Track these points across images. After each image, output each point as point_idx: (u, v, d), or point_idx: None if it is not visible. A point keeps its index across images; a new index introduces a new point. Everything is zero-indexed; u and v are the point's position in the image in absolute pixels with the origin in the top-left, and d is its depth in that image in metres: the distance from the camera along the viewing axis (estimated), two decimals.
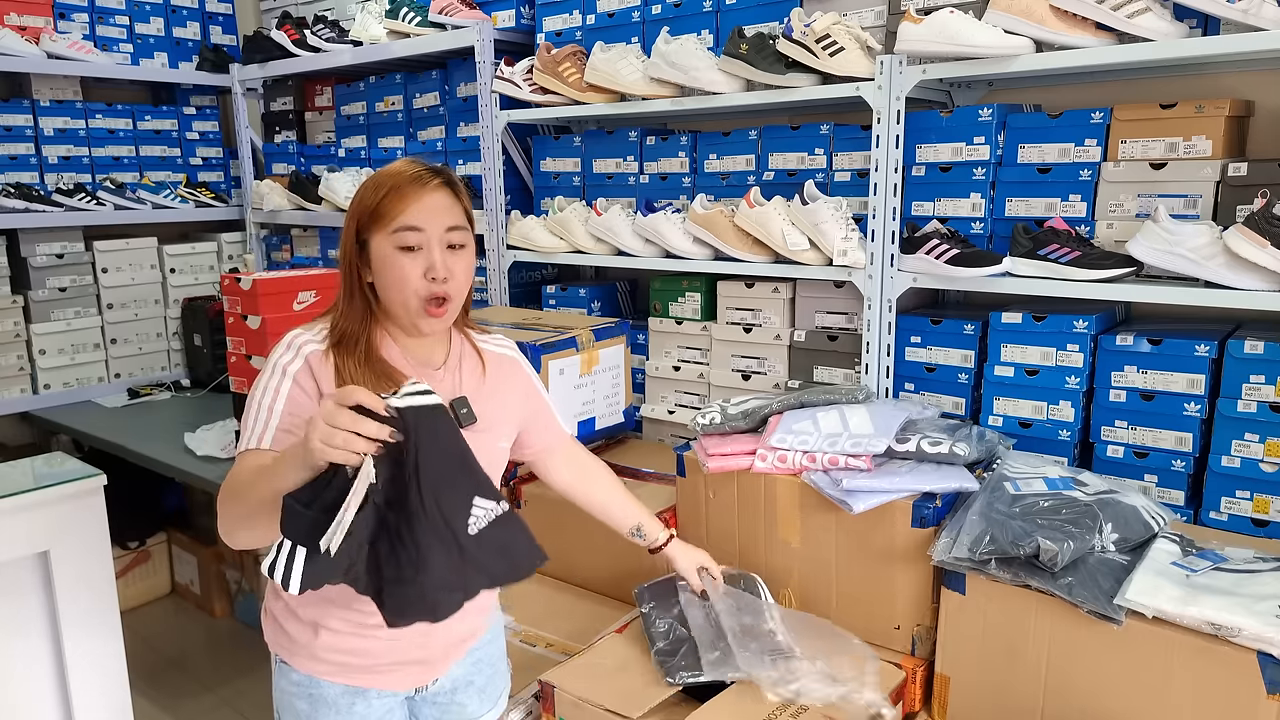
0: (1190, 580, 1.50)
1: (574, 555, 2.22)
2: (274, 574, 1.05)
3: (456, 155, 3.18)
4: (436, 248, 1.30)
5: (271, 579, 1.05)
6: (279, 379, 1.29)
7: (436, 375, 1.38)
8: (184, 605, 3.64)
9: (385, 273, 1.31)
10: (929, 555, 1.66)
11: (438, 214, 1.31)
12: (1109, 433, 1.98)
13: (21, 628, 1.88)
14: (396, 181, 1.30)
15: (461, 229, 1.34)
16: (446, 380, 1.39)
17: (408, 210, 1.29)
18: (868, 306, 2.18)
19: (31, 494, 1.84)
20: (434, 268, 1.30)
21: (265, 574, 1.06)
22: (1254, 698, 1.37)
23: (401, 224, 1.29)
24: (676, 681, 1.66)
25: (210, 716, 2.87)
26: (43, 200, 3.38)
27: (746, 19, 2.43)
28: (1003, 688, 1.62)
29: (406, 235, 1.29)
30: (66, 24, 3.60)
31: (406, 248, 1.29)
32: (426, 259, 1.30)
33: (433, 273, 1.30)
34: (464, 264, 1.34)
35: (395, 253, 1.29)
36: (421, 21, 3.04)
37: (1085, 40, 1.84)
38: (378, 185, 1.32)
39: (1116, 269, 1.85)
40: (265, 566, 1.06)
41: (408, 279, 1.29)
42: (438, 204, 1.31)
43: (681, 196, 2.62)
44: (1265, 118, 1.97)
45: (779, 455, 1.87)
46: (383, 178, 1.32)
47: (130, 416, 3.36)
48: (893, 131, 2.09)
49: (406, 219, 1.29)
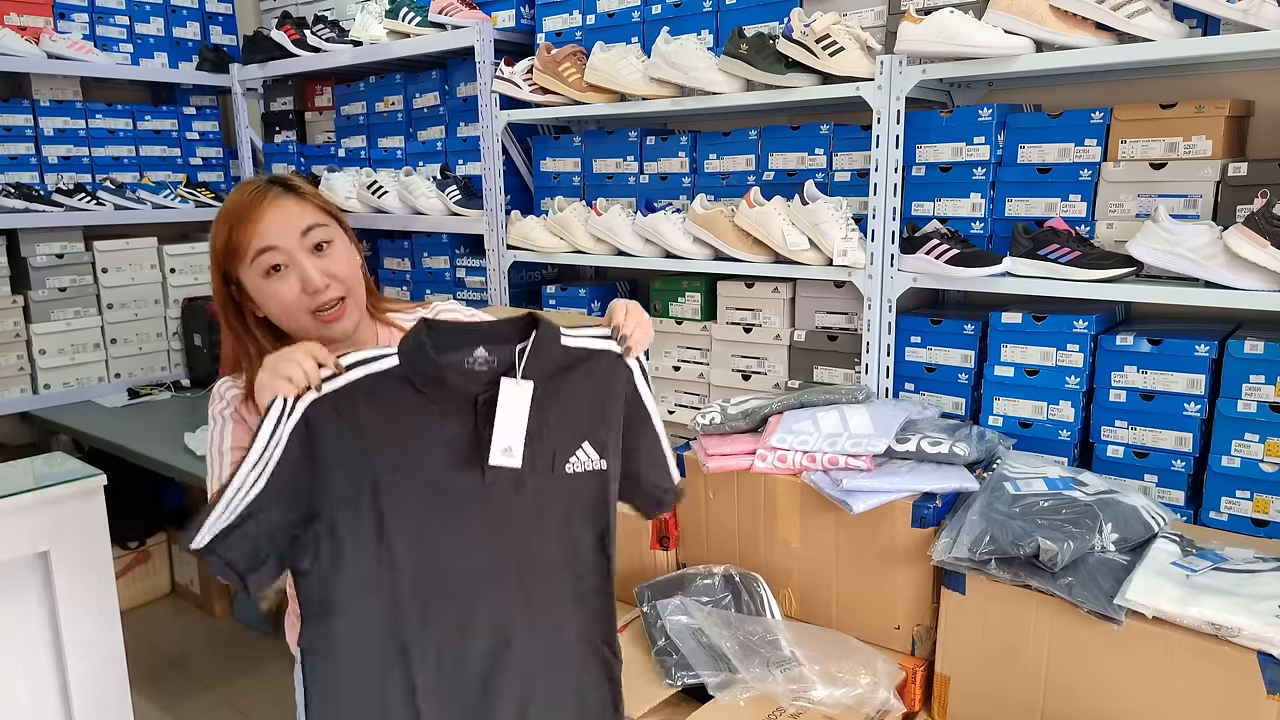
0: (1190, 580, 1.50)
1: None
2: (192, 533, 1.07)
3: (456, 155, 3.18)
4: (302, 257, 1.27)
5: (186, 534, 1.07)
6: (220, 425, 1.29)
7: None
8: (184, 605, 3.63)
9: (267, 303, 1.28)
10: (929, 555, 1.66)
11: (287, 223, 1.27)
12: (1109, 433, 1.98)
13: (21, 628, 1.87)
14: (236, 208, 1.27)
15: (319, 226, 1.29)
16: None
17: (257, 232, 1.25)
18: (868, 306, 2.18)
19: (31, 494, 1.84)
20: (308, 280, 1.26)
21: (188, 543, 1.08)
22: (1254, 698, 1.37)
23: (256, 248, 1.25)
24: (676, 682, 1.66)
25: (210, 716, 2.86)
26: (43, 200, 3.38)
27: (746, 19, 2.43)
28: (1003, 688, 1.62)
29: (265, 258, 1.26)
30: (66, 24, 3.60)
31: (273, 268, 1.26)
32: (298, 273, 1.26)
33: (310, 286, 1.26)
34: (338, 259, 1.31)
35: (264, 280, 1.26)
36: (421, 21, 3.04)
37: (1085, 40, 1.84)
38: (223, 221, 1.28)
39: (1116, 269, 1.85)
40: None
41: (287, 300, 1.27)
42: (284, 214, 1.27)
43: (681, 196, 2.62)
44: (1265, 118, 1.97)
45: (779, 455, 1.87)
46: (224, 213, 1.29)
47: (130, 416, 3.36)
48: (893, 131, 2.09)
49: (259, 241, 1.25)
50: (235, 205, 1.28)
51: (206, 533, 1.06)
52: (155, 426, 3.19)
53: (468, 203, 3.00)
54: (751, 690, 1.61)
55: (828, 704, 1.59)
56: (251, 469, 1.06)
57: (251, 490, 1.06)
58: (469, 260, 3.17)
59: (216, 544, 1.06)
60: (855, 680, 1.64)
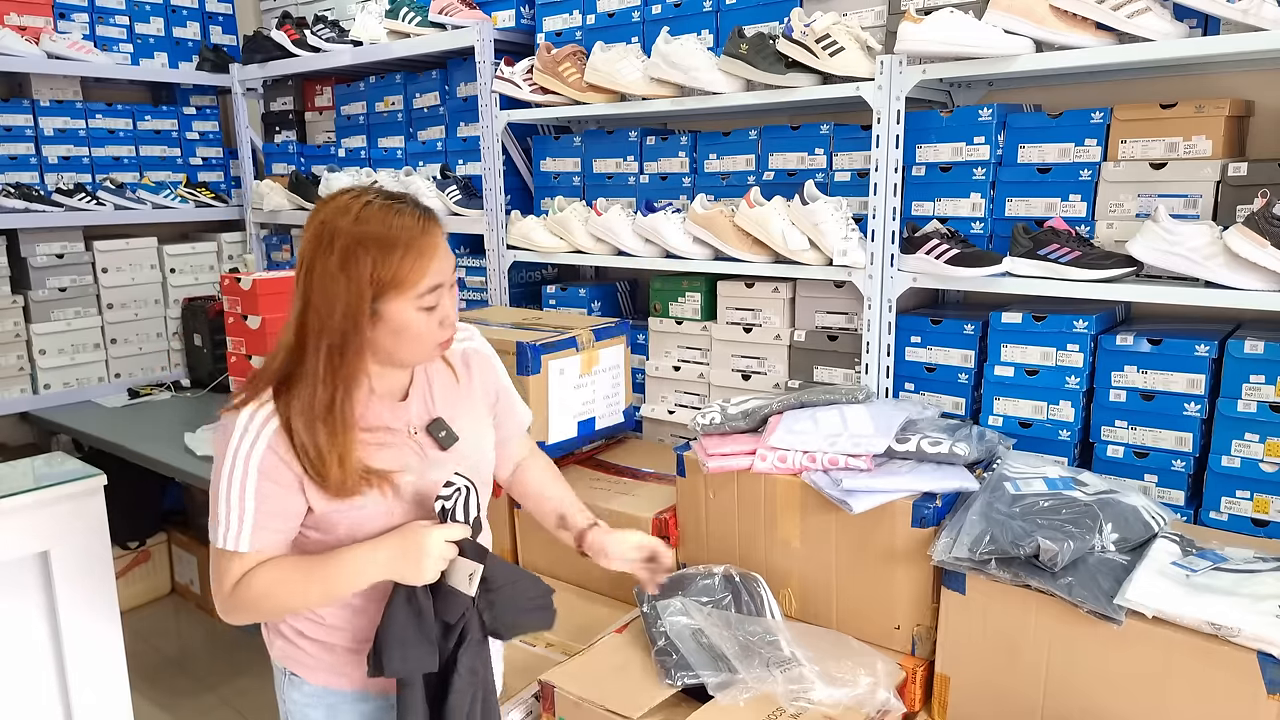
0: (1190, 580, 1.50)
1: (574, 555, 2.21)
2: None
3: (456, 155, 3.18)
4: (448, 295, 1.27)
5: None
6: (242, 471, 1.21)
7: (402, 407, 1.33)
8: (184, 605, 3.63)
9: (404, 334, 1.24)
10: (929, 555, 1.66)
11: (451, 260, 1.27)
12: (1109, 433, 1.98)
13: (21, 628, 1.88)
14: (406, 238, 1.20)
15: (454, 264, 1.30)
16: (412, 408, 1.34)
17: (434, 269, 1.22)
18: (868, 306, 2.18)
19: (31, 494, 1.84)
20: (449, 318, 1.27)
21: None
22: (1254, 698, 1.37)
23: (431, 284, 1.22)
24: (676, 682, 1.66)
25: (210, 716, 2.86)
26: (43, 200, 3.38)
27: (746, 19, 2.43)
28: (1003, 688, 1.62)
29: (435, 295, 1.23)
30: (66, 24, 3.60)
31: (431, 306, 1.24)
32: (442, 310, 1.25)
33: (449, 322, 1.27)
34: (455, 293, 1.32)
35: (419, 314, 1.23)
36: (421, 21, 3.04)
37: (1085, 40, 1.84)
38: (387, 247, 1.19)
39: (1116, 269, 1.85)
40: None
41: (426, 334, 1.25)
42: (446, 250, 1.25)
43: (681, 196, 2.62)
44: (1265, 118, 1.97)
45: (779, 455, 1.87)
46: (387, 239, 1.19)
47: (130, 416, 3.36)
48: (893, 131, 2.09)
49: (435, 278, 1.22)
50: (403, 234, 1.20)
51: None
52: (155, 426, 3.19)
53: (468, 203, 3.00)
54: (751, 691, 1.61)
55: (827, 704, 1.59)
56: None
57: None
58: (469, 260, 3.17)
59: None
60: (855, 680, 1.64)
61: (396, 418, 1.31)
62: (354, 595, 1.29)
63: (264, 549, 1.24)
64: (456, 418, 1.37)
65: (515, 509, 2.32)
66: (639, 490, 2.23)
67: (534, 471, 1.64)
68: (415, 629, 1.24)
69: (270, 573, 1.24)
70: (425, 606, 1.25)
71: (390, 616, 1.24)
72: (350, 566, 1.23)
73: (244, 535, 1.22)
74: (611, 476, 2.34)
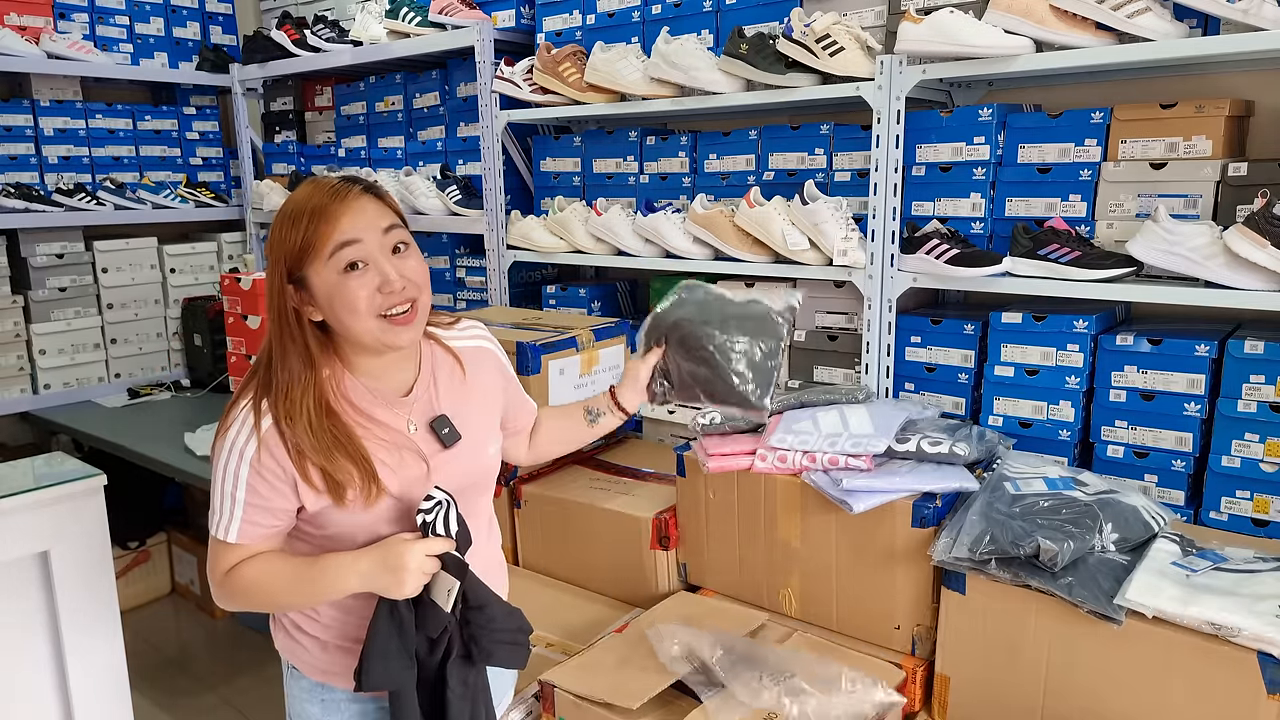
0: (1190, 580, 1.50)
1: (574, 555, 2.22)
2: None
3: (456, 155, 3.18)
4: (381, 257, 1.23)
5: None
6: (236, 462, 1.23)
7: (405, 403, 1.32)
8: (184, 605, 3.63)
9: (336, 302, 1.21)
10: (929, 555, 1.66)
11: (369, 221, 1.22)
12: (1109, 433, 1.98)
13: (21, 628, 1.87)
14: (315, 204, 1.21)
15: (398, 227, 1.25)
16: (418, 407, 1.33)
17: (339, 228, 1.20)
18: (868, 306, 2.18)
19: (31, 494, 1.84)
20: (388, 281, 1.21)
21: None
22: (1254, 698, 1.37)
23: (337, 242, 1.19)
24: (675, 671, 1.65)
25: (210, 716, 2.86)
26: (43, 200, 3.38)
27: (746, 19, 2.43)
28: (1003, 688, 1.62)
29: (346, 252, 1.20)
30: (66, 24, 3.60)
31: (351, 266, 1.20)
32: (377, 273, 1.21)
33: (388, 286, 1.22)
34: (415, 264, 1.26)
35: (341, 277, 1.20)
36: (421, 21, 3.04)
37: (1085, 40, 1.84)
38: (294, 217, 1.21)
39: (1116, 269, 1.85)
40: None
41: (360, 300, 1.20)
42: (365, 211, 1.22)
43: (681, 196, 2.62)
44: (1265, 118, 1.97)
45: (779, 455, 1.87)
46: (295, 209, 1.22)
47: (130, 416, 3.36)
48: (893, 131, 2.09)
49: (340, 236, 1.20)
50: (311, 202, 1.21)
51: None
52: (155, 426, 3.19)
53: (468, 203, 3.00)
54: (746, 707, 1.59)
55: (827, 705, 1.59)
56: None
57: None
58: (469, 260, 3.17)
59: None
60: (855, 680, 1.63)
61: (397, 415, 1.31)
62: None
63: (251, 543, 1.27)
64: (461, 415, 1.36)
65: (515, 509, 2.32)
66: (639, 490, 2.23)
67: (542, 420, 1.61)
68: (397, 642, 1.23)
69: (260, 566, 1.27)
70: (408, 620, 1.24)
71: (373, 629, 1.24)
72: (330, 574, 1.24)
73: (233, 527, 1.25)
74: (611, 476, 2.34)
